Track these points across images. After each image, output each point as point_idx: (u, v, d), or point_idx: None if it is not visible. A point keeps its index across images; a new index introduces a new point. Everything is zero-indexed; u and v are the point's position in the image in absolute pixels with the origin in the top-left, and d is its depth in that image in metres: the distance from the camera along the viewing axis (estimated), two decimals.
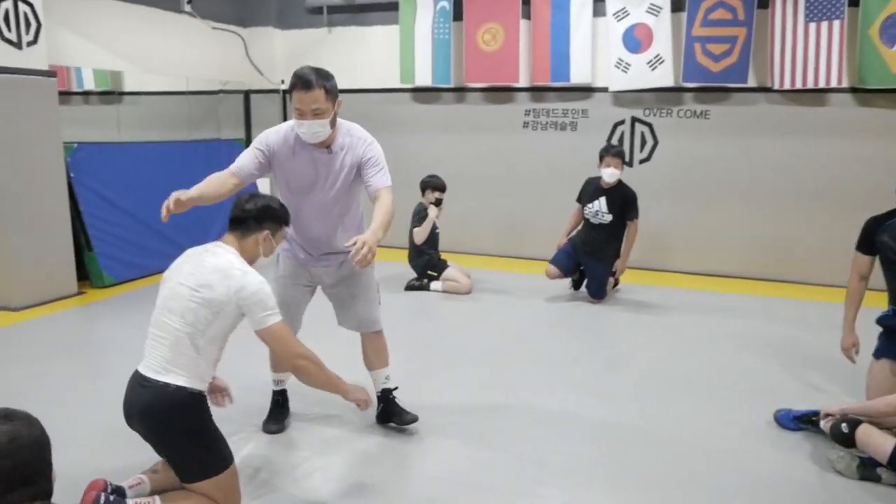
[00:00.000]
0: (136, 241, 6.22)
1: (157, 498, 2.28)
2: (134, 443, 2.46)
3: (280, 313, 2.49)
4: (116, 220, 6.09)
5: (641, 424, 3.36)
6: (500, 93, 7.25)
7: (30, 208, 5.19)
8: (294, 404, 3.40)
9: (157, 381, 2.31)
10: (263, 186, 6.21)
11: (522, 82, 7.07)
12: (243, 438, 3.13)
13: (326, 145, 2.87)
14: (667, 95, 6.63)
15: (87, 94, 9.19)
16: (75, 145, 5.84)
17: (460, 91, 7.40)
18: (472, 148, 7.43)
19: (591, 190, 5.57)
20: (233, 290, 2.37)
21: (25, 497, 1.65)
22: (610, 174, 5.35)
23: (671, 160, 6.73)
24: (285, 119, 8.25)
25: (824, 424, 3.08)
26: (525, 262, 7.19)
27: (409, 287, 6.03)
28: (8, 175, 5.02)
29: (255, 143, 2.90)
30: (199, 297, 2.37)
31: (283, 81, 8.05)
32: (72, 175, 5.72)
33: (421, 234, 5.90)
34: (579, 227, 5.74)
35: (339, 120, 2.89)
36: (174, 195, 2.62)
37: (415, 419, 3.23)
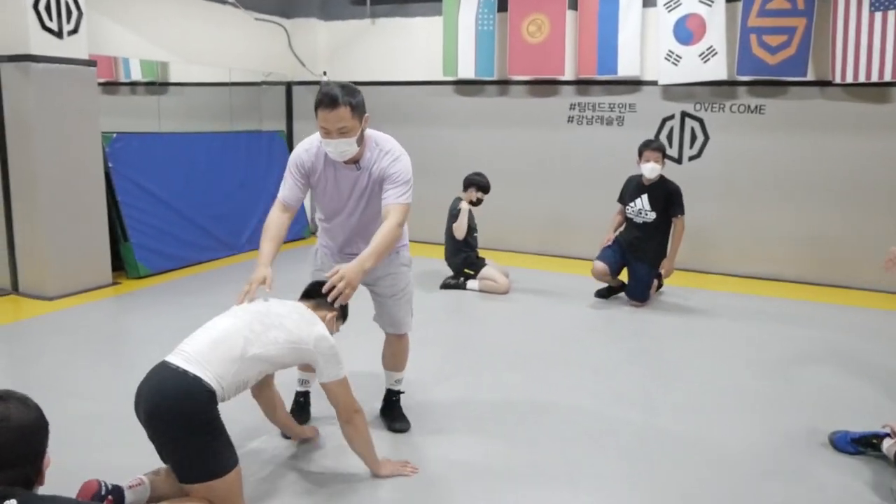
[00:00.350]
0: (173, 232, 6.20)
1: None
2: (147, 441, 2.35)
3: None
4: (153, 211, 6.08)
5: (685, 440, 3.13)
6: (545, 86, 7.02)
7: (67, 198, 5.19)
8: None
9: (178, 368, 2.24)
10: None
11: (568, 75, 6.83)
12: (257, 438, 3.02)
13: (354, 161, 2.78)
14: (719, 89, 6.31)
15: (134, 84, 9.29)
16: (114, 135, 5.83)
17: (504, 84, 7.20)
18: (515, 142, 7.23)
19: (633, 188, 5.35)
20: (314, 336, 2.46)
21: (1, 479, 1.60)
22: (650, 169, 5.11)
23: (722, 157, 6.41)
24: None
25: (887, 448, 2.82)
26: (567, 261, 6.97)
27: (445, 285, 5.88)
28: (46, 164, 5.02)
29: (290, 166, 2.86)
30: (281, 322, 2.44)
31: (324, 73, 7.98)
32: (110, 165, 5.72)
33: (460, 229, 5.74)
34: (622, 228, 5.50)
35: (368, 132, 2.79)
36: (257, 281, 2.62)
37: (404, 429, 3.16)
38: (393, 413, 3.24)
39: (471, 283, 5.83)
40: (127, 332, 4.75)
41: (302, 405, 3.27)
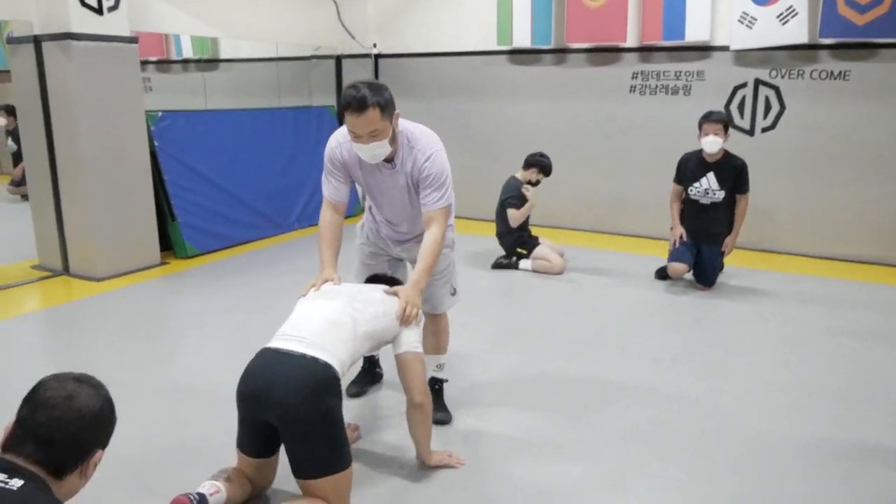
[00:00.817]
0: (221, 212, 6.12)
1: None
2: (185, 431, 2.23)
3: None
4: (201, 190, 5.99)
5: (749, 441, 2.81)
6: (605, 54, 6.60)
7: (112, 178, 5.12)
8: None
9: (306, 355, 2.14)
10: None
11: (630, 42, 6.39)
12: None
13: (388, 159, 2.66)
14: (799, 53, 5.78)
15: (185, 61, 9.27)
16: (159, 113, 5.74)
17: (561, 52, 6.80)
18: (573, 114, 6.84)
19: (694, 167, 4.90)
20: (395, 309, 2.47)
21: (32, 455, 1.50)
22: (710, 143, 4.68)
23: (799, 128, 5.90)
24: None
25: None
26: (626, 239, 6.60)
27: (497, 265, 5.61)
28: (90, 144, 4.95)
29: (326, 163, 2.79)
30: (373, 297, 2.46)
31: (374, 45, 7.74)
32: (156, 144, 5.64)
33: (518, 219, 5.47)
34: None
35: (401, 127, 2.65)
36: (323, 281, 2.63)
37: (445, 421, 2.99)
38: (435, 403, 3.02)
39: (523, 263, 5.55)
40: (172, 314, 4.66)
41: (366, 369, 3.31)
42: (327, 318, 2.31)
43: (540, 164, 5.55)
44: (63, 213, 5.18)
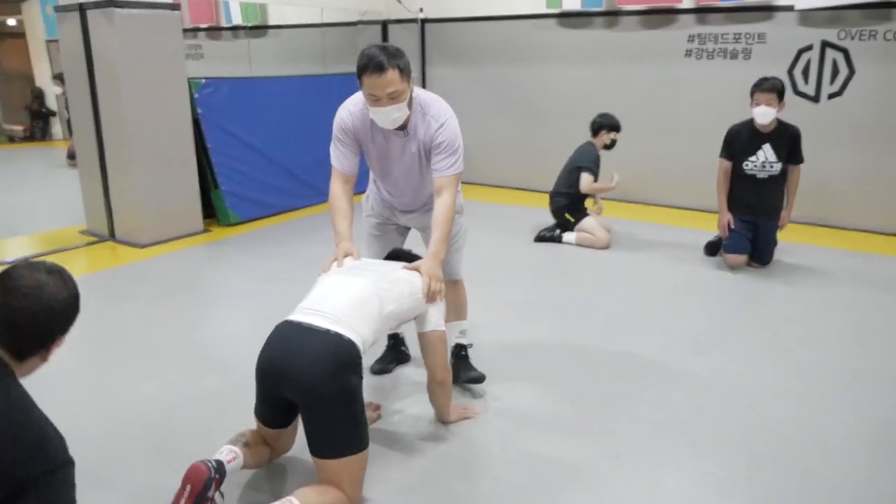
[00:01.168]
0: (264, 179, 6.12)
1: (292, 499, 1.99)
2: (208, 403, 2.20)
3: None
4: (244, 157, 5.99)
5: (797, 438, 2.63)
6: (660, 16, 6.27)
7: (155, 145, 5.16)
8: None
9: (329, 330, 2.09)
10: None
11: (686, 2, 6.05)
12: None
13: (401, 126, 2.60)
14: (871, 12, 5.35)
15: (235, 28, 9.27)
16: (203, 81, 5.74)
17: (613, 15, 6.50)
18: (624, 81, 6.56)
19: (746, 139, 4.54)
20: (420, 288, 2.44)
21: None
22: (762, 113, 4.36)
23: (869, 94, 5.48)
24: (423, 50, 7.83)
25: None
26: (679, 212, 6.34)
27: (539, 238, 5.46)
28: (133, 111, 4.98)
29: (335, 131, 2.70)
30: (399, 276, 2.40)
31: (421, 10, 7.57)
32: (199, 111, 5.65)
33: (590, 189, 5.24)
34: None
35: (414, 94, 2.59)
36: (343, 253, 2.57)
37: (480, 379, 2.98)
38: (463, 366, 3.06)
39: (567, 236, 5.38)
40: (210, 281, 4.68)
41: (391, 346, 3.28)
42: (354, 295, 2.25)
43: (608, 124, 5.32)
44: (108, 180, 5.26)
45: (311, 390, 2.03)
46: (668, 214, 6.28)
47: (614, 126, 5.32)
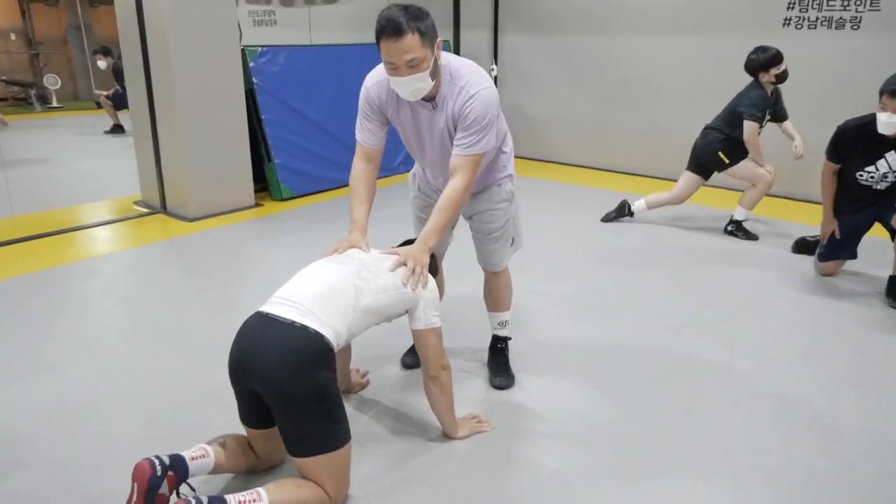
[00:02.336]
0: (319, 153, 5.92)
1: (261, 491, 1.84)
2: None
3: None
4: (299, 130, 5.80)
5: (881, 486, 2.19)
6: None
7: (206, 116, 5.02)
8: None
9: (294, 322, 1.92)
10: None
11: None
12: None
13: (430, 98, 2.30)
14: None
15: None
16: (259, 49, 5.56)
17: None
18: (714, 51, 5.93)
19: (865, 145, 3.72)
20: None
21: None
22: (888, 123, 3.53)
23: None
24: (496, 17, 7.40)
25: None
26: (769, 202, 5.72)
27: (607, 218, 5.07)
28: (184, 80, 4.84)
29: (361, 103, 2.45)
30: (386, 266, 2.19)
31: None
32: (255, 81, 5.47)
33: (750, 139, 4.58)
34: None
35: (443, 61, 2.27)
36: (348, 244, 2.34)
37: (505, 386, 2.77)
38: (497, 364, 2.87)
39: (638, 204, 5.05)
40: (252, 259, 4.49)
41: None
42: (328, 284, 2.05)
43: (763, 60, 4.54)
44: (160, 151, 5.17)
45: (275, 386, 1.87)
46: (761, 205, 5.67)
47: (771, 61, 4.54)
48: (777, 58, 4.52)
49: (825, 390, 2.78)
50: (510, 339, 2.92)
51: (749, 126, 4.52)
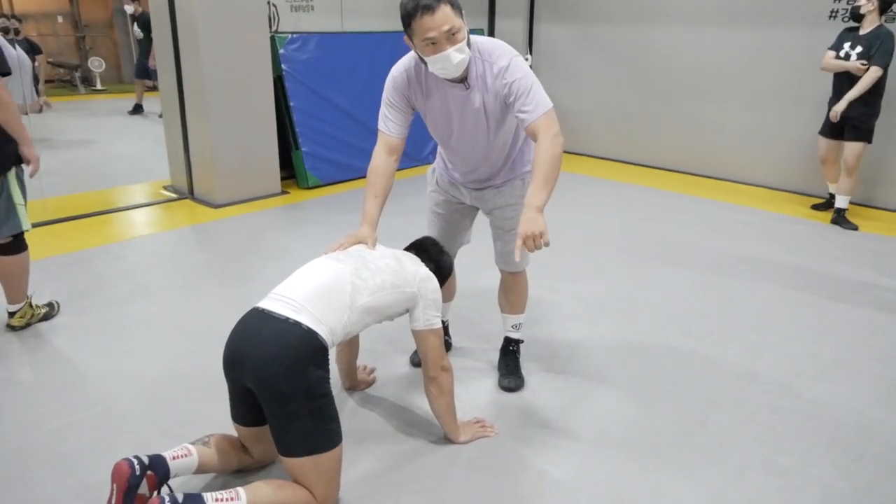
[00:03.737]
0: (349, 141, 5.89)
1: (240, 490, 1.82)
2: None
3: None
4: (329, 118, 5.78)
5: None
6: None
7: (234, 102, 5.02)
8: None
9: (289, 319, 1.90)
10: None
11: None
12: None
13: (462, 79, 2.24)
14: None
15: None
16: (289, 36, 5.53)
17: None
18: (756, 45, 5.73)
19: None
20: (419, 277, 2.20)
21: None
22: None
23: None
24: (532, 6, 7.26)
25: None
26: (809, 200, 5.52)
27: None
28: (212, 65, 4.85)
29: (387, 92, 2.40)
30: (386, 265, 2.16)
31: None
32: (284, 68, 5.46)
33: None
34: None
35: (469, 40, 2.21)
36: (355, 239, 2.30)
37: (514, 388, 2.71)
38: (507, 366, 2.80)
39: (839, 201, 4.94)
40: (271, 249, 4.48)
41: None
42: (325, 282, 2.02)
43: None
44: (188, 137, 5.20)
45: (265, 381, 1.84)
46: (801, 204, 5.48)
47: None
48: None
49: (850, 406, 2.65)
50: (522, 341, 2.85)
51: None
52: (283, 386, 1.82)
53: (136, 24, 9.13)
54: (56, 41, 13.32)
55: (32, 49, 9.40)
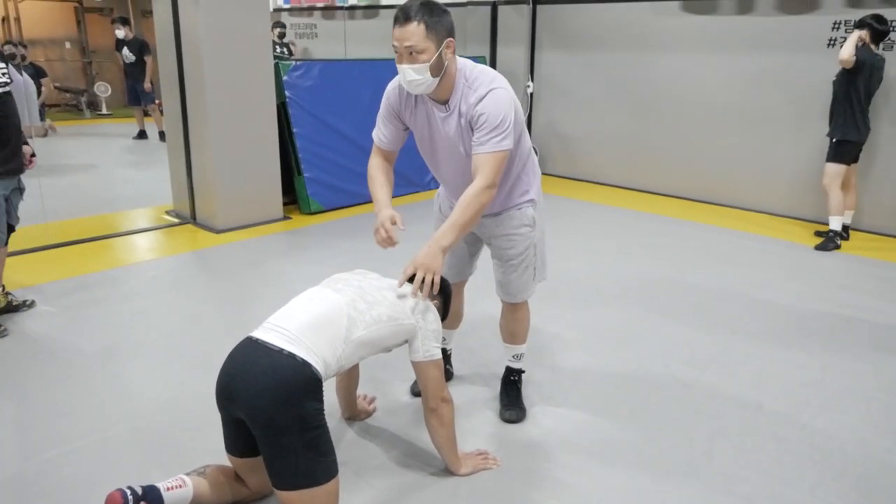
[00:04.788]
0: (351, 167, 5.90)
1: None
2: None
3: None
4: (332, 144, 5.79)
5: None
6: None
7: (237, 128, 5.04)
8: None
9: (283, 350, 1.87)
10: None
11: None
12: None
13: (443, 101, 2.28)
14: None
15: (352, 8, 9.14)
16: (292, 63, 5.57)
17: None
18: (755, 72, 5.75)
19: None
20: (419, 309, 2.16)
21: None
22: None
23: None
24: (533, 34, 7.31)
25: None
26: (814, 228, 5.50)
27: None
28: (215, 91, 4.87)
29: (381, 107, 2.50)
30: (383, 296, 2.12)
31: None
32: (287, 94, 5.49)
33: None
34: None
35: (459, 65, 2.26)
36: (388, 221, 2.27)
37: (515, 420, 2.67)
38: (508, 397, 2.77)
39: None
40: (274, 276, 4.46)
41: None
42: (320, 313, 2.00)
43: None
44: (191, 162, 5.21)
45: (259, 413, 1.82)
46: (805, 230, 5.45)
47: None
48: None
49: (858, 436, 2.61)
50: (524, 371, 2.82)
51: None
52: (276, 418, 1.80)
53: (126, 47, 9.17)
54: (63, 66, 13.43)
55: (38, 73, 9.49)
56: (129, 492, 1.80)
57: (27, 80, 5.77)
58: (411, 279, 2.12)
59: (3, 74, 3.23)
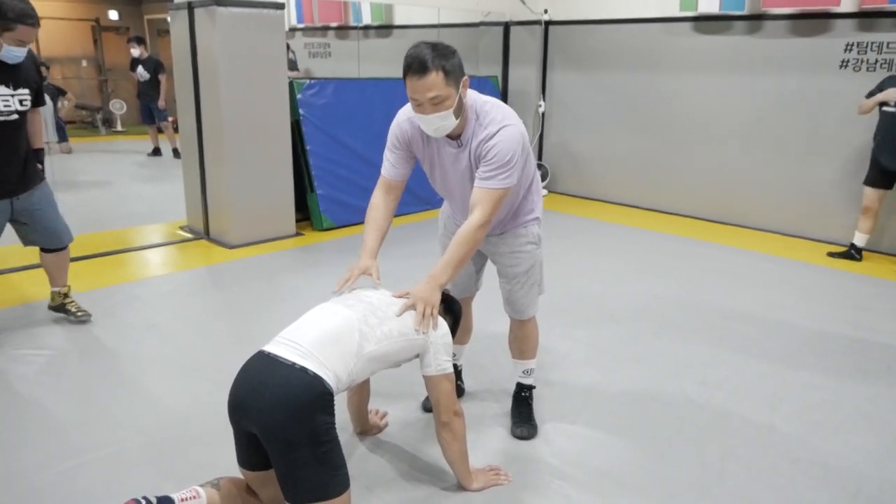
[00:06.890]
0: (364, 185, 5.93)
1: None
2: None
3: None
4: (345, 162, 5.84)
5: None
6: (813, 21, 5.44)
7: (251, 145, 5.10)
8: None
9: (295, 364, 1.88)
10: None
11: (846, 5, 5.21)
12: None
13: (455, 136, 2.30)
14: None
15: (366, 28, 9.25)
16: (306, 82, 5.64)
17: (757, 19, 5.74)
18: (767, 93, 5.78)
19: None
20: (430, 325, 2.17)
21: None
22: None
23: None
24: (545, 54, 7.37)
25: None
26: (823, 247, 5.48)
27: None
28: (231, 109, 4.93)
29: (390, 136, 2.49)
30: (394, 312, 2.13)
31: (545, 11, 7.13)
32: (301, 112, 5.55)
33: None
34: None
35: (470, 100, 2.26)
36: (360, 271, 2.34)
37: (527, 436, 2.67)
38: (520, 413, 2.76)
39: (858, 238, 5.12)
40: (285, 292, 4.50)
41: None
42: (332, 327, 2.01)
43: None
44: (206, 178, 5.27)
45: (271, 427, 1.82)
46: (816, 251, 5.43)
47: None
48: None
49: (873, 458, 2.59)
50: (534, 387, 2.82)
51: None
52: (288, 433, 1.80)
53: (141, 66, 9.29)
54: (79, 84, 13.62)
55: (58, 92, 9.62)
56: (143, 501, 1.81)
57: (46, 100, 5.86)
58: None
59: (6, 105, 3.17)
